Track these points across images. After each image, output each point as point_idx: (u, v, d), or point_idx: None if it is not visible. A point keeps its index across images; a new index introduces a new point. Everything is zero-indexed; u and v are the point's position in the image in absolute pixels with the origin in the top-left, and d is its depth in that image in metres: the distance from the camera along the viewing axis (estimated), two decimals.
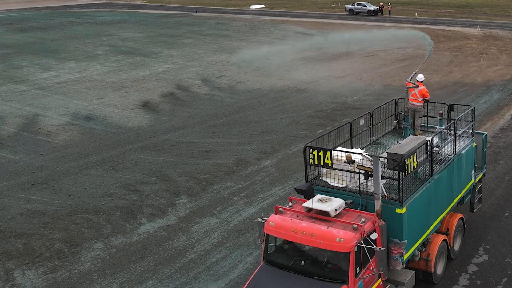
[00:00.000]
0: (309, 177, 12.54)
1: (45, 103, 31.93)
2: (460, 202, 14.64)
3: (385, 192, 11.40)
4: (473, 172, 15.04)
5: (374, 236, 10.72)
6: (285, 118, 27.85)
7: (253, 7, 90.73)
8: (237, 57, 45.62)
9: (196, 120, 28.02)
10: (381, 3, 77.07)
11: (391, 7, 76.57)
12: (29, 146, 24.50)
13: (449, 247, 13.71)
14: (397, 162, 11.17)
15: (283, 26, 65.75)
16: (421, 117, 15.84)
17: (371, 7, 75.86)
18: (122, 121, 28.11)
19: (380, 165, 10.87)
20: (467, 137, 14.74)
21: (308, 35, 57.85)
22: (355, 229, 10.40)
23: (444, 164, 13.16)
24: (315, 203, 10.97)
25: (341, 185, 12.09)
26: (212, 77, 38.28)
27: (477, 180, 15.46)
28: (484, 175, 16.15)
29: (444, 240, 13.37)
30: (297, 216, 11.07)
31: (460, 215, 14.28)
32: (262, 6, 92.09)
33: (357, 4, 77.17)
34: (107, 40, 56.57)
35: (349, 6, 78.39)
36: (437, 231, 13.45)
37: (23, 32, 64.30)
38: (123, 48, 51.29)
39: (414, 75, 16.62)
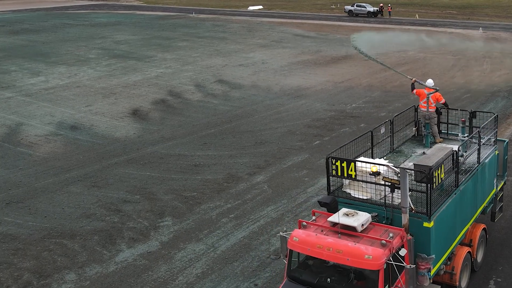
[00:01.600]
0: (331, 188, 12.13)
1: (30, 111, 30.56)
2: (483, 212, 14.25)
3: (412, 206, 10.93)
4: (495, 180, 14.76)
5: (403, 252, 10.34)
6: (280, 128, 26.48)
7: (251, 8, 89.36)
8: None
9: (186, 130, 26.66)
10: (381, 4, 75.70)
11: (391, 8, 75.19)
12: (9, 159, 23.13)
13: (472, 259, 13.31)
14: (425, 174, 10.78)
15: (281, 28, 64.40)
16: (436, 124, 15.62)
17: (371, 9, 74.47)
18: (109, 131, 26.74)
19: (407, 178, 10.45)
20: (490, 145, 14.41)
21: (307, 37, 56.52)
22: (383, 246, 9.98)
23: (469, 174, 12.84)
24: (341, 217, 10.53)
25: (364, 197, 11.68)
26: (206, 83, 36.93)
27: (498, 188, 15.13)
28: (505, 183, 15.83)
29: (468, 252, 12.95)
30: (322, 231, 10.65)
31: (483, 226, 13.96)
32: (260, 7, 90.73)
33: (357, 6, 75.79)
34: (100, 43, 55.20)
35: (348, 7, 77.01)
36: (461, 243, 13.02)
37: (15, 34, 62.90)
38: (116, 52, 49.92)
39: (420, 82, 16.24)
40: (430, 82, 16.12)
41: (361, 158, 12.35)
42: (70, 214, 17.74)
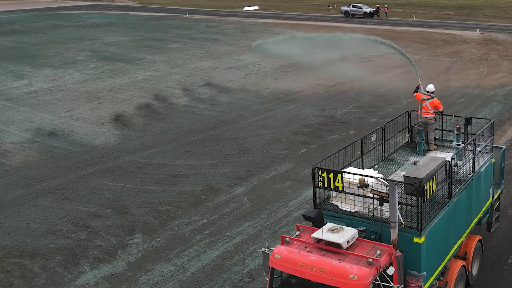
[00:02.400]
0: (318, 200, 11.46)
1: (9, 116, 29.50)
2: (479, 222, 13.64)
3: (402, 220, 10.31)
4: (491, 189, 14.17)
5: (390, 271, 9.64)
6: (266, 135, 25.42)
7: (246, 8, 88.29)
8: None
9: (169, 137, 25.60)
10: (378, 5, 74.61)
11: (387, 9, 74.10)
12: None
13: (467, 272, 12.71)
14: (415, 187, 10.21)
15: (275, 29, 63.29)
16: (434, 131, 15.04)
17: (367, 9, 73.36)
18: (88, 138, 25.68)
19: (396, 191, 9.82)
20: (486, 152, 13.79)
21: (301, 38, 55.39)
22: (370, 264, 9.33)
23: (463, 185, 12.22)
24: (325, 233, 9.84)
25: (352, 210, 11.08)
26: (194, 86, 35.86)
27: (495, 198, 14.54)
28: (502, 191, 15.24)
29: (463, 265, 12.35)
30: (306, 247, 9.99)
31: (478, 237, 13.30)
32: (256, 7, 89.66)
33: (353, 6, 74.69)
34: (90, 44, 54.13)
35: (344, 8, 75.91)
36: (455, 256, 12.38)
37: (4, 36, 61.80)
38: (105, 54, 48.85)
39: (421, 86, 15.65)
40: (430, 87, 15.61)
41: (350, 169, 11.68)
42: (35, 230, 16.66)
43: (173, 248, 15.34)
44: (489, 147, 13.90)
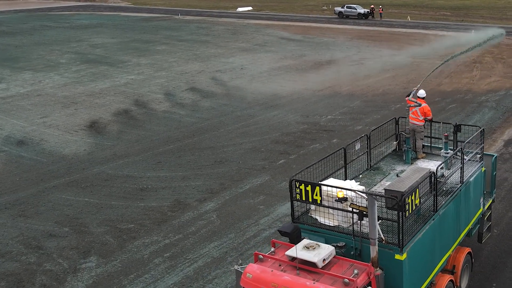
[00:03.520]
0: (296, 213, 10.90)
1: None
2: (468, 234, 13.02)
3: (382, 236, 9.74)
4: (481, 199, 13.57)
5: None
6: (245, 144, 24.18)
7: (240, 9, 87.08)
8: None
9: (143, 146, 24.35)
10: (372, 6, 73.37)
11: (382, 10, 72.85)
12: None
13: (455, 287, 11.99)
14: (396, 201, 9.61)
15: (267, 30, 62.12)
16: (422, 138, 14.50)
17: (362, 10, 72.10)
18: (58, 147, 24.42)
19: (376, 206, 9.21)
20: (476, 161, 13.17)
21: (293, 40, 54.26)
22: (346, 285, 8.76)
23: (451, 196, 11.61)
24: (299, 251, 9.26)
25: (332, 224, 10.54)
26: (177, 91, 34.62)
27: (486, 207, 13.94)
28: (493, 201, 14.64)
29: (450, 280, 11.67)
30: (280, 265, 9.43)
31: (467, 250, 12.60)
32: (250, 8, 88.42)
33: (347, 7, 73.44)
34: (75, 46, 52.87)
35: (338, 9, 74.68)
36: (443, 270, 11.74)
37: None
38: (90, 56, 47.60)
39: (415, 91, 14.92)
40: (421, 92, 14.99)
41: (330, 180, 11.12)
42: None
43: (128, 274, 14.09)
44: (479, 156, 13.31)
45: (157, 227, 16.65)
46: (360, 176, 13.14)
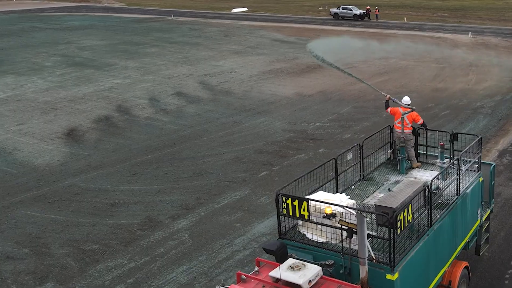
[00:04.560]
0: (283, 229, 10.42)
1: None
2: (465, 247, 12.51)
3: (373, 255, 9.25)
4: (479, 211, 12.96)
5: None
6: (227, 154, 23.01)
7: (234, 10, 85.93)
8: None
9: (120, 156, 23.18)
10: (368, 7, 72.22)
11: (378, 11, 71.71)
12: None
13: None
14: (387, 217, 9.11)
15: (260, 32, 60.97)
16: (413, 146, 13.93)
17: (357, 11, 70.96)
18: (31, 157, 23.25)
19: (366, 223, 8.69)
20: (473, 171, 12.60)
21: (286, 42, 53.10)
22: None
23: (446, 209, 11.08)
24: (284, 271, 8.79)
25: (321, 240, 10.04)
26: (162, 96, 33.46)
27: (483, 219, 13.35)
28: (492, 211, 14.05)
29: None
30: (263, 287, 8.91)
31: (464, 264, 11.99)
32: (245, 9, 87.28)
33: (343, 8, 72.27)
34: (63, 49, 51.69)
35: (334, 10, 73.50)
36: (438, 286, 11.18)
37: None
38: (77, 59, 46.41)
39: (396, 100, 14.26)
40: (406, 99, 14.29)
41: (320, 193, 10.60)
42: None
43: None
44: (476, 166, 12.72)
45: (123, 248, 15.48)
46: (352, 187, 12.66)
